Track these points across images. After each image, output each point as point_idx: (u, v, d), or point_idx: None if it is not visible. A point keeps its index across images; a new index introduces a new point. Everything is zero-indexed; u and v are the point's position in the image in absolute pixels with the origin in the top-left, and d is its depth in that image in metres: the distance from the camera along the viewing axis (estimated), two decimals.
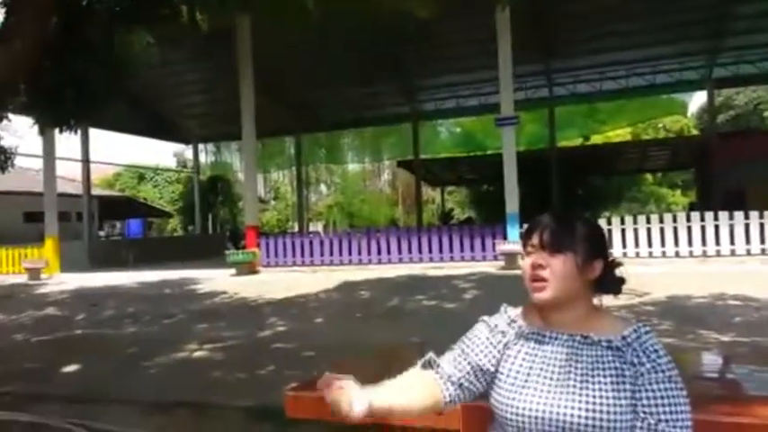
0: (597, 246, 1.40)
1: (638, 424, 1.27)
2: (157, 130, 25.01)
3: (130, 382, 4.81)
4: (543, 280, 1.37)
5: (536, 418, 1.30)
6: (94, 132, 22.19)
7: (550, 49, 18.85)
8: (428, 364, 1.46)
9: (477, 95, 21.21)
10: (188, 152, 31.31)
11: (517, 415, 1.33)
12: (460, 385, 1.42)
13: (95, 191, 25.15)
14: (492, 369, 1.42)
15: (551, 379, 1.32)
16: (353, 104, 22.83)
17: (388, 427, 1.77)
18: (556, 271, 1.36)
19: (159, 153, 75.06)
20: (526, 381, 1.35)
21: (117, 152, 48.59)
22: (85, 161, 21.91)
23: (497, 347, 1.43)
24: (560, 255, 1.36)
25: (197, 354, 5.82)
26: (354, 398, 1.31)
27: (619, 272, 1.44)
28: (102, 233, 30.09)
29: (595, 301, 1.43)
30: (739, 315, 6.48)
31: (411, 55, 19.55)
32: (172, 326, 7.75)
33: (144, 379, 4.92)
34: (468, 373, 1.42)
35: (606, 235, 1.50)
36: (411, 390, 1.40)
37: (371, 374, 2.17)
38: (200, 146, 27.95)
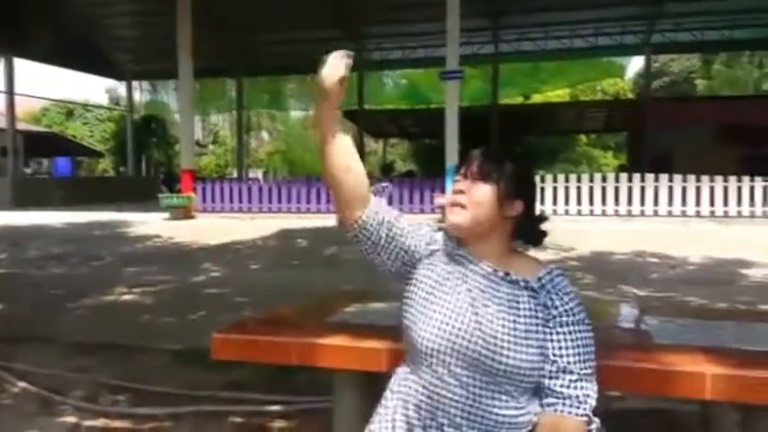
0: (521, 185, 1.41)
1: (548, 366, 1.32)
2: (89, 64, 23.63)
3: (54, 323, 4.68)
4: (461, 206, 1.38)
5: (447, 338, 1.31)
6: (20, 63, 20.82)
7: (498, 5, 18.80)
8: (377, 190, 1.50)
9: (424, 47, 21.05)
10: (121, 89, 29.94)
11: (429, 332, 1.33)
12: (381, 225, 1.43)
13: (20, 125, 23.73)
14: (411, 255, 1.44)
15: (470, 305, 1.33)
16: (298, 49, 22.21)
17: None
18: (474, 197, 1.38)
19: (90, 89, 71.10)
20: (445, 300, 1.35)
21: (44, 86, 45.76)
22: (10, 93, 20.57)
23: (424, 246, 1.45)
24: (482, 183, 1.38)
25: (126, 297, 5.70)
26: (344, 70, 1.37)
27: (544, 226, 1.47)
28: (28, 170, 28.61)
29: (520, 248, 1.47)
30: (656, 272, 6.87)
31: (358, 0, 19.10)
32: (100, 268, 7.54)
33: (68, 321, 4.79)
34: (392, 229, 1.44)
35: (535, 180, 1.53)
36: (358, 164, 1.45)
37: (308, 318, 2.19)
38: (135, 83, 26.69)
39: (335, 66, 1.36)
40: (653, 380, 1.54)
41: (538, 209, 1.48)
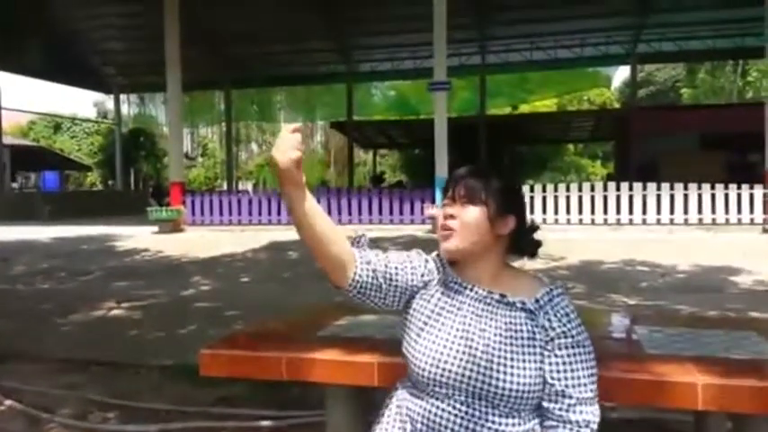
0: (511, 201, 1.39)
1: (546, 390, 1.30)
2: (76, 78, 23.54)
3: (42, 339, 4.62)
4: (452, 230, 1.36)
5: (444, 368, 1.31)
6: (6, 77, 20.71)
7: (485, 16, 18.98)
8: (355, 242, 1.44)
9: (413, 59, 21.16)
10: (109, 102, 29.74)
11: (426, 362, 1.33)
12: (374, 275, 1.39)
13: (7, 139, 23.55)
14: (408, 290, 1.41)
15: (465, 333, 1.33)
16: (287, 61, 22.27)
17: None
18: (465, 221, 1.36)
19: (78, 102, 70.79)
20: (440, 330, 1.35)
21: (31, 100, 45.48)
22: None
23: (420, 279, 1.42)
24: (472, 206, 1.36)
25: (114, 312, 5.65)
26: (296, 150, 1.25)
27: (536, 236, 1.45)
28: (14, 185, 28.38)
29: (516, 264, 1.46)
30: (646, 280, 6.90)
31: (347, 12, 19.20)
32: (89, 283, 7.48)
33: (56, 337, 4.74)
34: (385, 273, 1.40)
35: (523, 193, 1.51)
36: (336, 231, 1.37)
37: (298, 332, 2.17)
38: (123, 97, 26.59)
39: (287, 146, 1.25)
40: (645, 390, 1.54)
41: (528, 219, 1.46)
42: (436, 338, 1.34)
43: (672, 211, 13.14)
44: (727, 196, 13.01)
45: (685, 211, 13.10)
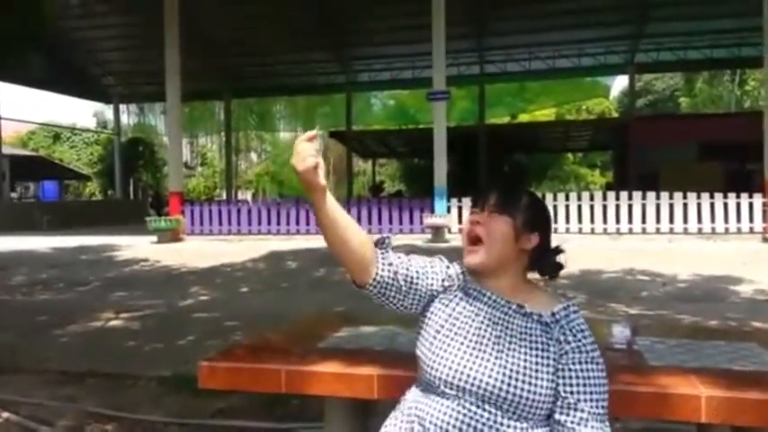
0: (537, 218, 1.44)
1: (558, 402, 1.31)
2: (76, 88, 23.63)
3: (40, 351, 4.60)
4: (478, 239, 1.39)
5: (458, 371, 1.32)
6: (6, 87, 20.75)
7: (483, 26, 19.06)
8: (379, 243, 1.46)
9: (412, 69, 21.24)
10: (109, 112, 29.79)
11: (441, 364, 1.34)
12: (395, 276, 1.41)
13: (6, 149, 23.58)
14: (427, 295, 1.43)
15: (482, 338, 1.34)
16: (286, 71, 22.35)
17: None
18: (492, 231, 1.39)
19: (77, 112, 70.99)
20: (457, 333, 1.37)
21: (31, 110, 45.63)
22: None
23: (441, 284, 1.45)
24: (500, 216, 1.39)
25: (113, 323, 5.62)
26: (313, 156, 1.29)
27: (560, 258, 1.48)
28: (14, 195, 28.37)
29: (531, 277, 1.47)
30: (646, 289, 6.88)
31: (346, 23, 19.29)
32: (87, 293, 7.45)
33: (55, 348, 4.71)
34: (406, 275, 1.42)
35: (550, 213, 1.54)
36: (359, 232, 1.40)
37: (297, 344, 2.16)
38: (122, 107, 26.64)
39: (304, 154, 1.30)
40: (648, 403, 1.53)
41: (552, 240, 1.49)
42: (451, 341, 1.36)
43: (672, 220, 13.14)
44: (726, 205, 13.01)
45: (685, 220, 13.10)
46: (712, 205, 13.04)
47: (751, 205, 12.84)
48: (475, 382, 1.30)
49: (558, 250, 1.48)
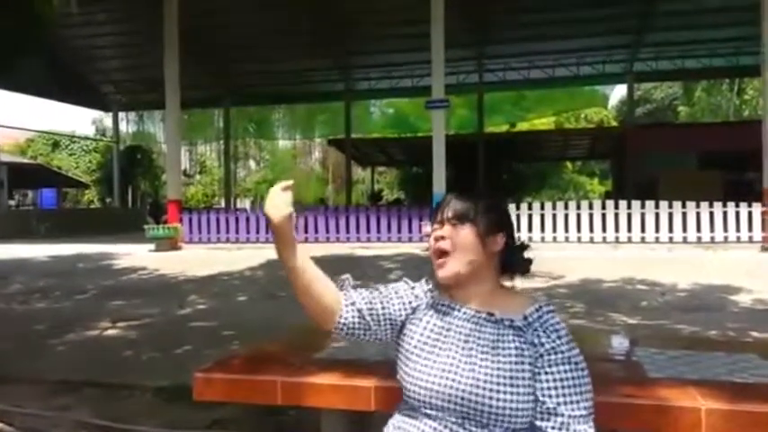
0: (498, 218, 1.42)
1: (538, 408, 1.28)
2: (75, 96, 23.64)
3: (36, 360, 4.57)
4: (446, 253, 1.39)
5: (434, 390, 1.31)
6: (5, 95, 20.79)
7: (482, 35, 19.14)
8: (339, 285, 1.49)
9: (411, 77, 21.30)
10: (108, 120, 29.83)
11: (417, 385, 1.33)
12: (360, 314, 1.44)
13: (5, 157, 23.59)
14: (396, 321, 1.45)
15: (454, 353, 1.33)
16: (285, 79, 22.40)
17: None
18: (457, 242, 1.38)
19: (76, 120, 71.03)
20: (430, 352, 1.35)
21: (30, 117, 45.67)
22: None
23: (407, 306, 1.45)
24: (462, 226, 1.39)
25: (110, 332, 5.59)
26: (289, 207, 1.39)
27: (527, 254, 1.47)
28: (12, 202, 28.34)
29: (508, 283, 1.46)
30: (646, 299, 6.86)
31: (345, 31, 19.35)
32: (84, 302, 7.42)
33: (51, 357, 4.68)
34: (372, 311, 1.45)
35: (509, 211, 1.54)
36: (323, 282, 1.46)
37: (294, 354, 2.14)
38: (121, 114, 26.67)
39: (278, 203, 1.37)
40: (647, 415, 1.51)
41: (525, 237, 1.49)
42: (425, 361, 1.35)
43: (671, 230, 13.12)
44: (725, 214, 13.00)
45: (684, 230, 13.09)
46: (711, 214, 13.03)
47: (750, 214, 12.82)
48: (452, 399, 1.28)
49: (525, 246, 1.47)
